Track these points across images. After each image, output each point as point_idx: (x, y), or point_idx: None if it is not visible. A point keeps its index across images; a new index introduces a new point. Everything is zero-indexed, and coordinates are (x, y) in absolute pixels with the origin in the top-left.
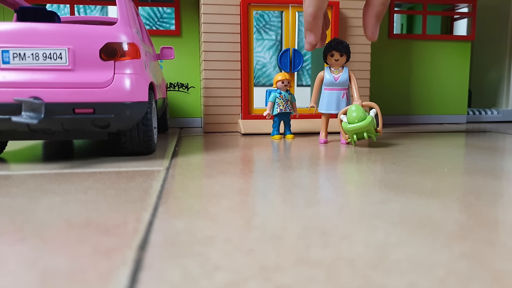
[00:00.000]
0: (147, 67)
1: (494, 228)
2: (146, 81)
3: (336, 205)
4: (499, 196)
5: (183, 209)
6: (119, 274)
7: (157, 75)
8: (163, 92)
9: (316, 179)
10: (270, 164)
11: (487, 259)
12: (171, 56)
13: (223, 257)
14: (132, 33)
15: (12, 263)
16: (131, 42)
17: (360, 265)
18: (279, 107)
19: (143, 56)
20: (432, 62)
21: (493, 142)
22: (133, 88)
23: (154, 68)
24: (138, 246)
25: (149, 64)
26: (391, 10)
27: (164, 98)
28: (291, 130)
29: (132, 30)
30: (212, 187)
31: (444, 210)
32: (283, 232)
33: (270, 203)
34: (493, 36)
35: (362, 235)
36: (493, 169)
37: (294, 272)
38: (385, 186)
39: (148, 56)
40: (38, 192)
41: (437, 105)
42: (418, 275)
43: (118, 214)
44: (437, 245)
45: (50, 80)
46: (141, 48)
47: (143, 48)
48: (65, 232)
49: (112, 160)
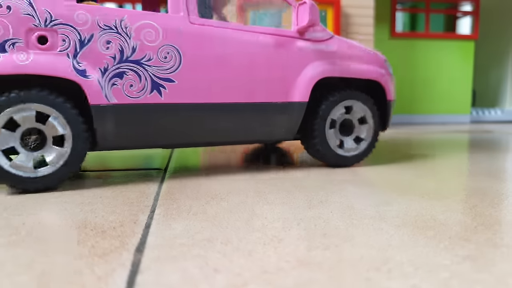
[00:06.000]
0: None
1: (498, 230)
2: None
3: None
4: (504, 198)
5: (181, 211)
6: (116, 276)
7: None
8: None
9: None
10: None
11: (491, 261)
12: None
13: (222, 259)
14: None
15: (9, 265)
16: None
17: (362, 268)
18: None
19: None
20: (435, 61)
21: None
22: None
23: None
24: (136, 248)
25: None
26: (393, 8)
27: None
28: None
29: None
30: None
31: (448, 211)
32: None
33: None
34: (496, 35)
35: (365, 237)
36: (497, 170)
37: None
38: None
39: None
40: (34, 194)
41: (440, 105)
42: (421, 277)
43: (115, 216)
44: (441, 246)
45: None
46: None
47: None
48: (61, 234)
49: (110, 161)
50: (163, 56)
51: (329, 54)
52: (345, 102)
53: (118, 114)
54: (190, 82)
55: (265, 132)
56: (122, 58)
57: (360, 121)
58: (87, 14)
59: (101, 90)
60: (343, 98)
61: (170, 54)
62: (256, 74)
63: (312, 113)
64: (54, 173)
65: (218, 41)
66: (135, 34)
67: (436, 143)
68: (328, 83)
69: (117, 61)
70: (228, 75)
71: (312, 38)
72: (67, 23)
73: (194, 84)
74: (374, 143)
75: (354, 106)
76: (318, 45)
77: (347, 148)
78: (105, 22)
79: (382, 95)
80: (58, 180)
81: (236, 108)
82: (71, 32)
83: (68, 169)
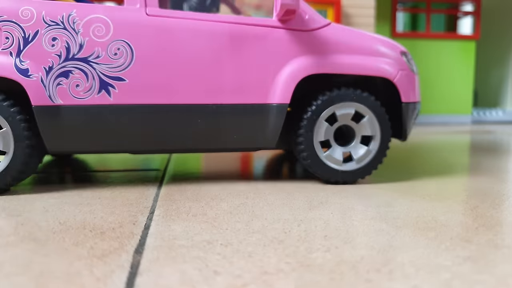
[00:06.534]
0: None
1: (499, 231)
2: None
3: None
4: (505, 199)
5: (181, 212)
6: (115, 278)
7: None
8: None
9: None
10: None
11: (492, 262)
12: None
13: (222, 261)
14: None
15: (7, 266)
16: None
17: (363, 269)
18: None
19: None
20: (436, 61)
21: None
22: None
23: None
24: (135, 250)
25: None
26: (394, 8)
27: None
28: None
29: None
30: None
31: (449, 212)
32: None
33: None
34: (497, 35)
35: (366, 238)
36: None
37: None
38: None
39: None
40: (33, 194)
41: (441, 105)
42: (422, 278)
43: (114, 217)
44: (442, 247)
45: None
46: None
47: None
48: (60, 235)
49: (109, 161)
50: (113, 52)
51: (320, 46)
52: (336, 106)
53: (63, 115)
54: (143, 81)
55: (239, 139)
56: (68, 56)
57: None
58: (32, 10)
59: (45, 90)
60: (328, 104)
61: (120, 50)
62: (224, 71)
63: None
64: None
65: (179, 34)
66: (84, 30)
67: (437, 143)
68: (338, 81)
69: (63, 59)
70: (190, 73)
71: (297, 27)
72: (11, 20)
73: (148, 83)
74: (381, 156)
75: (351, 110)
76: (305, 35)
77: (336, 159)
78: (52, 17)
79: (397, 96)
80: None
81: (200, 111)
82: (15, 29)
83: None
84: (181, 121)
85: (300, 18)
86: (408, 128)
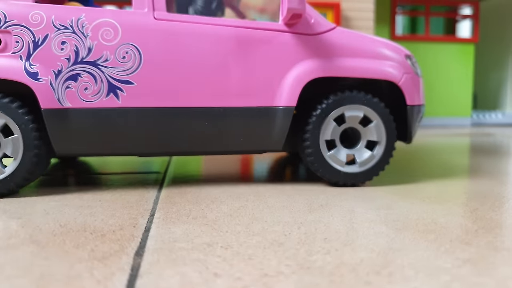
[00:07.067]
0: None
1: (499, 233)
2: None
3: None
4: (505, 201)
5: (181, 215)
6: (115, 280)
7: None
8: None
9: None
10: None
11: (492, 264)
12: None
13: (222, 263)
14: None
15: (8, 268)
16: None
17: (362, 271)
18: None
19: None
20: (435, 64)
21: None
22: None
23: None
24: (135, 252)
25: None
26: (393, 11)
27: None
28: None
29: None
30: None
31: (449, 215)
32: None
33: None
34: (496, 38)
35: (365, 240)
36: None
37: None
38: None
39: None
40: (34, 196)
41: (440, 107)
42: (422, 281)
43: (114, 220)
44: (441, 250)
45: None
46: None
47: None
48: (61, 238)
49: (109, 164)
50: (121, 56)
51: (326, 50)
52: (346, 108)
53: (72, 118)
54: (151, 84)
55: (246, 141)
56: (77, 59)
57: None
58: (42, 14)
59: (54, 93)
60: (338, 104)
61: (129, 54)
62: (231, 74)
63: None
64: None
65: (186, 38)
66: (92, 34)
67: (437, 146)
68: (345, 84)
69: (72, 62)
70: (197, 76)
71: (303, 31)
72: (21, 24)
73: (156, 87)
74: (384, 163)
75: (355, 112)
76: (311, 39)
77: (339, 160)
78: (61, 21)
79: (402, 99)
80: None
81: (207, 113)
82: (25, 33)
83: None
84: (189, 124)
85: (306, 22)
86: (413, 131)
